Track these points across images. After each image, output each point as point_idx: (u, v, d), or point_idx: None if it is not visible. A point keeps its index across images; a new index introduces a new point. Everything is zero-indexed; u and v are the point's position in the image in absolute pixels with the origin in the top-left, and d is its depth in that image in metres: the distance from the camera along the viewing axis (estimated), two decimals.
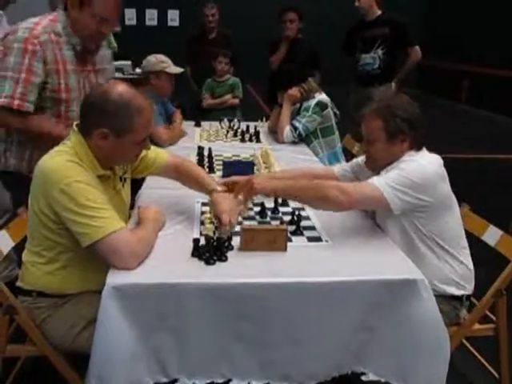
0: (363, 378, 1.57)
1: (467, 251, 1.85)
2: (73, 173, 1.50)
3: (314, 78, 4.34)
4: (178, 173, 1.98)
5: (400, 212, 1.69)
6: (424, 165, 1.71)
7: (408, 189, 1.66)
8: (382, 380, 1.56)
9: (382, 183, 1.67)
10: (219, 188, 1.89)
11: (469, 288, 1.84)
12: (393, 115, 1.74)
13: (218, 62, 4.24)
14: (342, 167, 2.16)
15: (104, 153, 1.59)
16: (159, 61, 3.14)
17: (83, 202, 1.47)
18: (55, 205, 1.49)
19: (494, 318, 1.90)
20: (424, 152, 1.80)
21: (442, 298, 1.76)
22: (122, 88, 1.56)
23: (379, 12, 4.16)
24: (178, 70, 3.23)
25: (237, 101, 4.38)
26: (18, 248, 1.78)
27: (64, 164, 1.52)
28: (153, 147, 1.85)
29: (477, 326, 1.88)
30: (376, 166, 1.85)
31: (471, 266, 1.84)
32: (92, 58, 2.26)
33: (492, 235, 1.85)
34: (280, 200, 2.05)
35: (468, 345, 2.09)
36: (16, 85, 1.98)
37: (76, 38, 2.11)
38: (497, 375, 1.96)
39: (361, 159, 2.05)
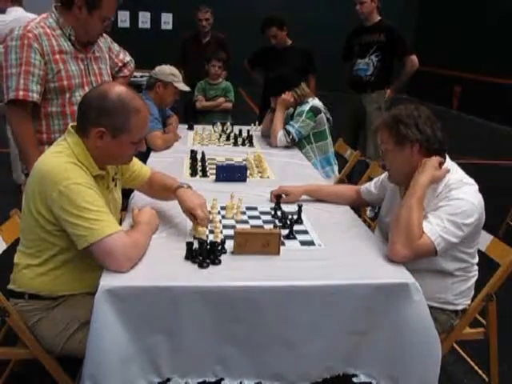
0: (354, 379, 1.58)
1: (476, 266, 1.84)
2: (72, 175, 1.50)
3: (312, 78, 4.37)
4: (150, 185, 1.97)
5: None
6: (475, 205, 1.66)
7: (457, 237, 1.64)
8: (374, 382, 1.57)
9: (437, 234, 1.62)
10: (185, 185, 1.85)
11: (467, 302, 1.84)
12: (397, 123, 1.75)
13: (211, 66, 4.25)
14: (366, 187, 2.17)
15: (101, 152, 1.59)
16: (171, 73, 3.21)
17: (81, 204, 1.47)
18: (53, 206, 1.49)
19: (484, 322, 1.92)
20: (458, 171, 1.78)
21: (439, 309, 1.78)
22: (120, 88, 1.58)
23: (378, 18, 4.16)
24: (185, 88, 3.30)
25: (230, 105, 4.39)
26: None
27: (63, 165, 1.51)
28: (138, 161, 1.92)
29: (467, 330, 1.89)
30: (396, 178, 1.86)
31: (475, 278, 1.85)
32: (91, 47, 2.36)
33: (482, 240, 1.87)
34: (273, 204, 2.06)
35: (458, 348, 2.11)
36: (18, 78, 2.09)
37: (69, 28, 2.21)
38: (486, 378, 1.98)
39: (384, 175, 2.07)
